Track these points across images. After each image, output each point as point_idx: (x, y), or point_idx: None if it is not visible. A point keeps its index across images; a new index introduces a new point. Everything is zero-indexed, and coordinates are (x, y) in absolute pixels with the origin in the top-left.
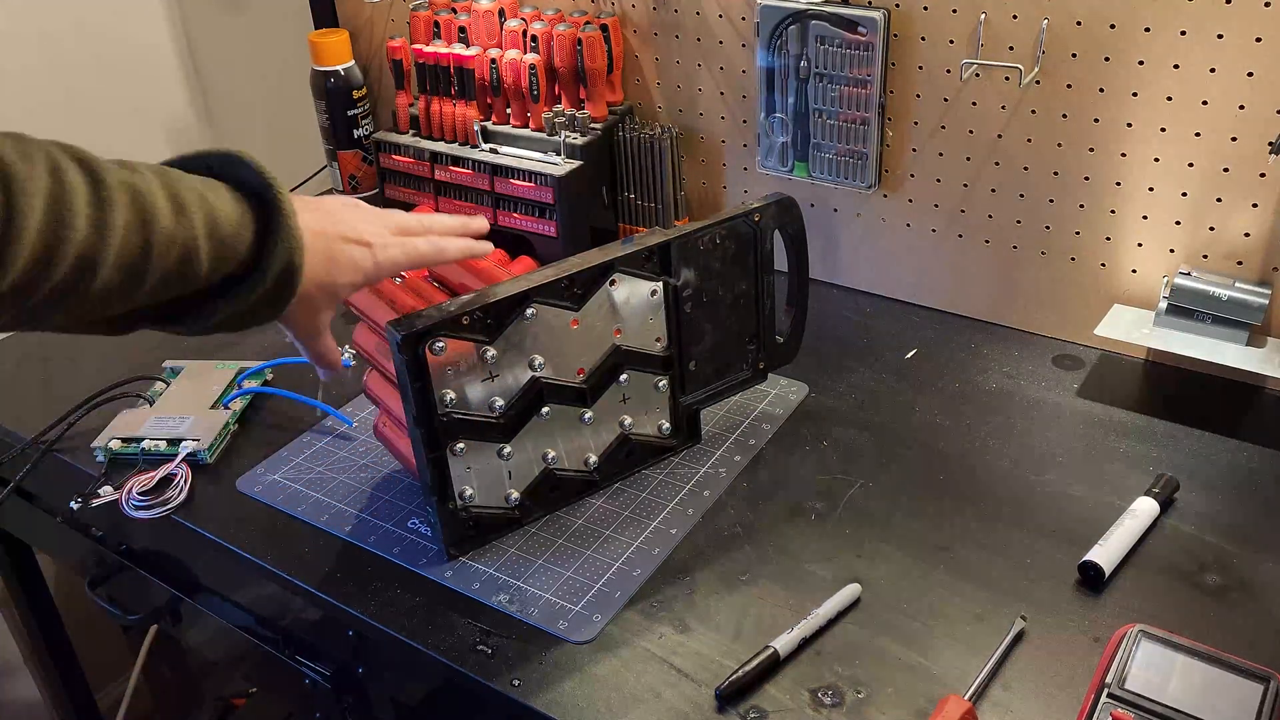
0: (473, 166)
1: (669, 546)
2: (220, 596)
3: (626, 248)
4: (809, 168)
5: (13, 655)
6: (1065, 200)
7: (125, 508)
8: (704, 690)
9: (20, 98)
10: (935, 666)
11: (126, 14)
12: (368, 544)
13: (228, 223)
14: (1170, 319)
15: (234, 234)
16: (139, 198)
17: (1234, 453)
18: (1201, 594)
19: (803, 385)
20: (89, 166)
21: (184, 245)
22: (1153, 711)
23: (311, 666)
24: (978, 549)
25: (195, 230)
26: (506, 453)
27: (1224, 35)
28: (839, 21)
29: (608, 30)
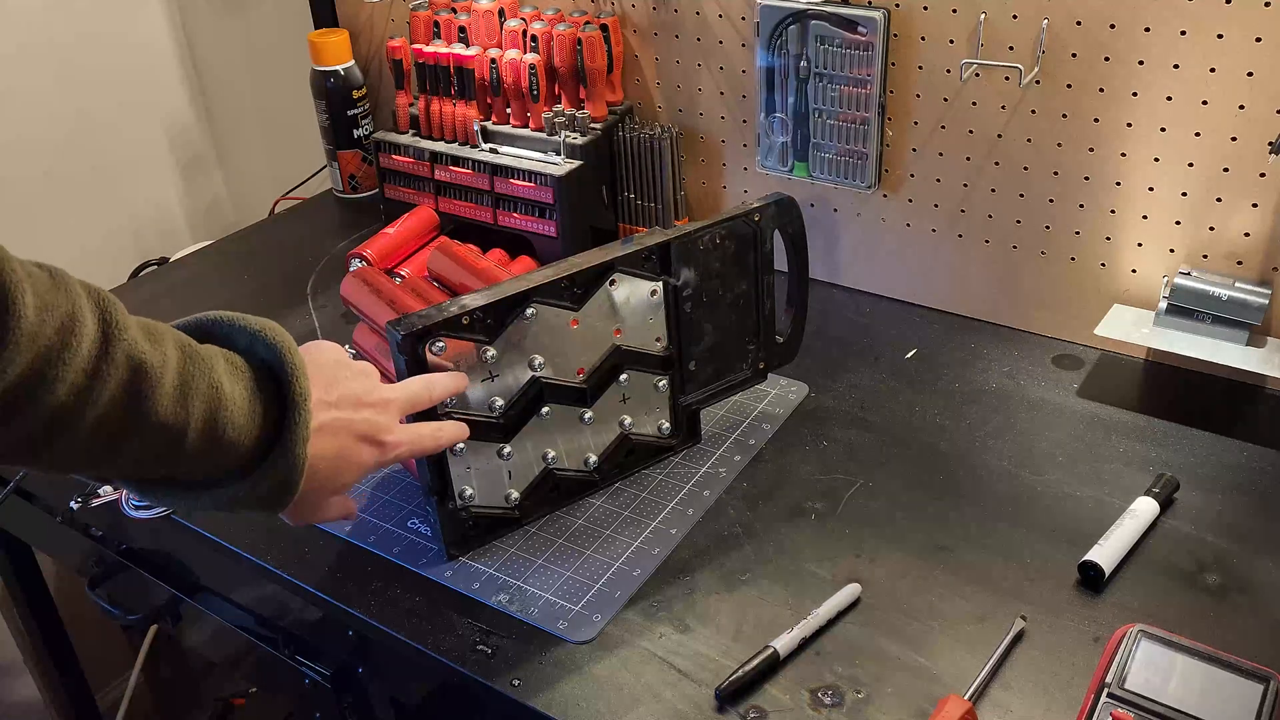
0: (473, 166)
1: (669, 546)
2: (220, 596)
3: (626, 248)
4: (809, 168)
5: (13, 655)
6: (1065, 200)
7: (125, 507)
8: (704, 690)
9: (21, 97)
10: (935, 666)
11: (127, 14)
12: (368, 544)
13: (231, 425)
14: (1170, 319)
15: (234, 440)
16: (140, 376)
17: (1234, 453)
18: (1201, 594)
19: (803, 385)
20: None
21: (172, 435)
22: (1153, 711)
23: (311, 666)
24: (978, 549)
25: (188, 424)
26: (506, 453)
27: (1224, 35)
28: (839, 21)
29: (608, 30)
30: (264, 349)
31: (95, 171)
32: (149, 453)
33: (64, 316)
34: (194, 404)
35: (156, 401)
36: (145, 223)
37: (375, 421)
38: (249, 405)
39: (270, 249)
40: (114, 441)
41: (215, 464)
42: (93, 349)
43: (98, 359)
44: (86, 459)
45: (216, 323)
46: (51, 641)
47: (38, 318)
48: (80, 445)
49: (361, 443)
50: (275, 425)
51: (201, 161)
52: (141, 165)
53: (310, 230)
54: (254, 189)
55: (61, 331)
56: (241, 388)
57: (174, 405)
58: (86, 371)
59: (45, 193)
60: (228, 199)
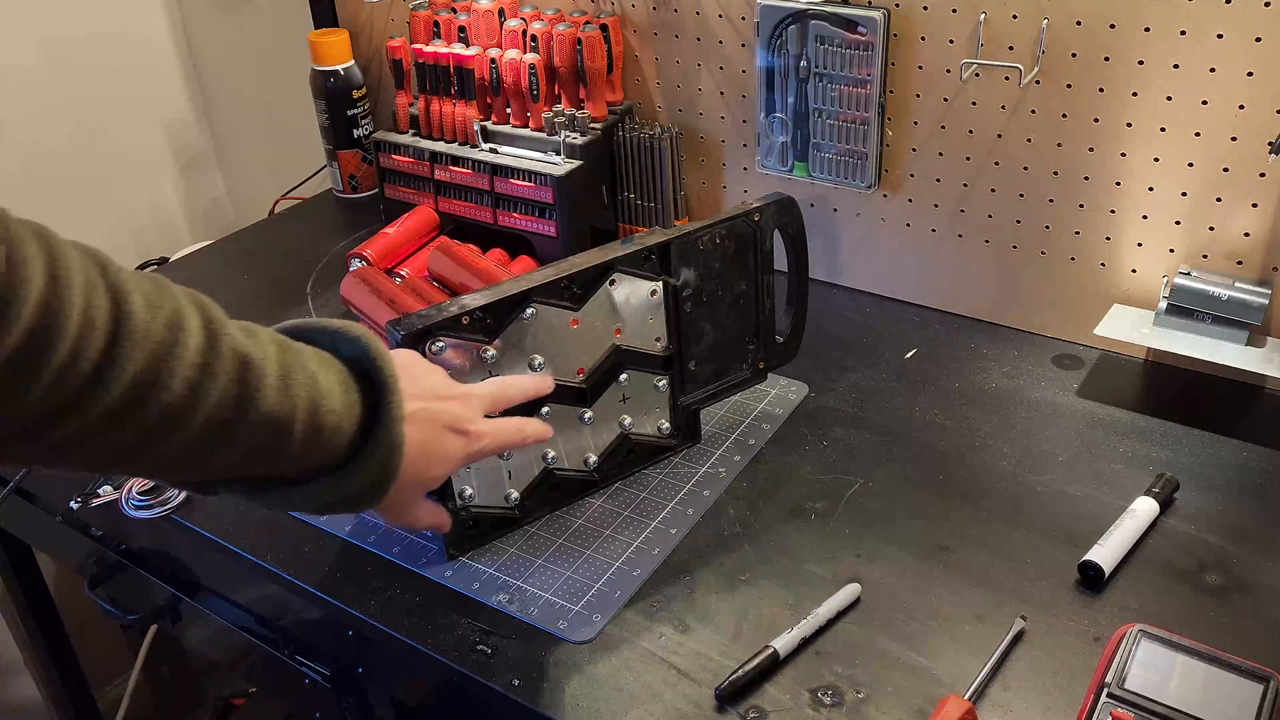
0: (473, 166)
1: (669, 546)
2: (220, 596)
3: (626, 247)
4: (809, 167)
5: (13, 655)
6: (1065, 200)
7: (125, 507)
8: (704, 690)
9: (21, 97)
10: (935, 666)
11: (127, 14)
12: (368, 544)
13: (331, 413)
14: (1170, 319)
15: (335, 425)
16: (247, 368)
17: (1234, 453)
18: (1201, 594)
19: (803, 385)
20: (211, 327)
21: (279, 425)
22: (1153, 711)
23: (311, 666)
24: (978, 549)
25: (295, 414)
26: (506, 452)
27: (1224, 35)
28: (839, 21)
29: (608, 30)
30: (346, 345)
31: (95, 171)
32: (255, 446)
33: (170, 315)
34: (297, 394)
35: (263, 393)
36: (145, 222)
37: (459, 413)
38: (344, 394)
39: (270, 249)
40: (222, 437)
41: (317, 454)
42: (200, 345)
43: (206, 354)
44: (191, 459)
45: (296, 329)
46: (51, 641)
47: (148, 315)
48: (188, 444)
49: (448, 432)
50: (369, 414)
51: (201, 161)
52: (141, 165)
53: (310, 230)
54: (254, 189)
55: (170, 329)
56: (334, 378)
57: (279, 396)
58: (197, 366)
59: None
60: (228, 199)
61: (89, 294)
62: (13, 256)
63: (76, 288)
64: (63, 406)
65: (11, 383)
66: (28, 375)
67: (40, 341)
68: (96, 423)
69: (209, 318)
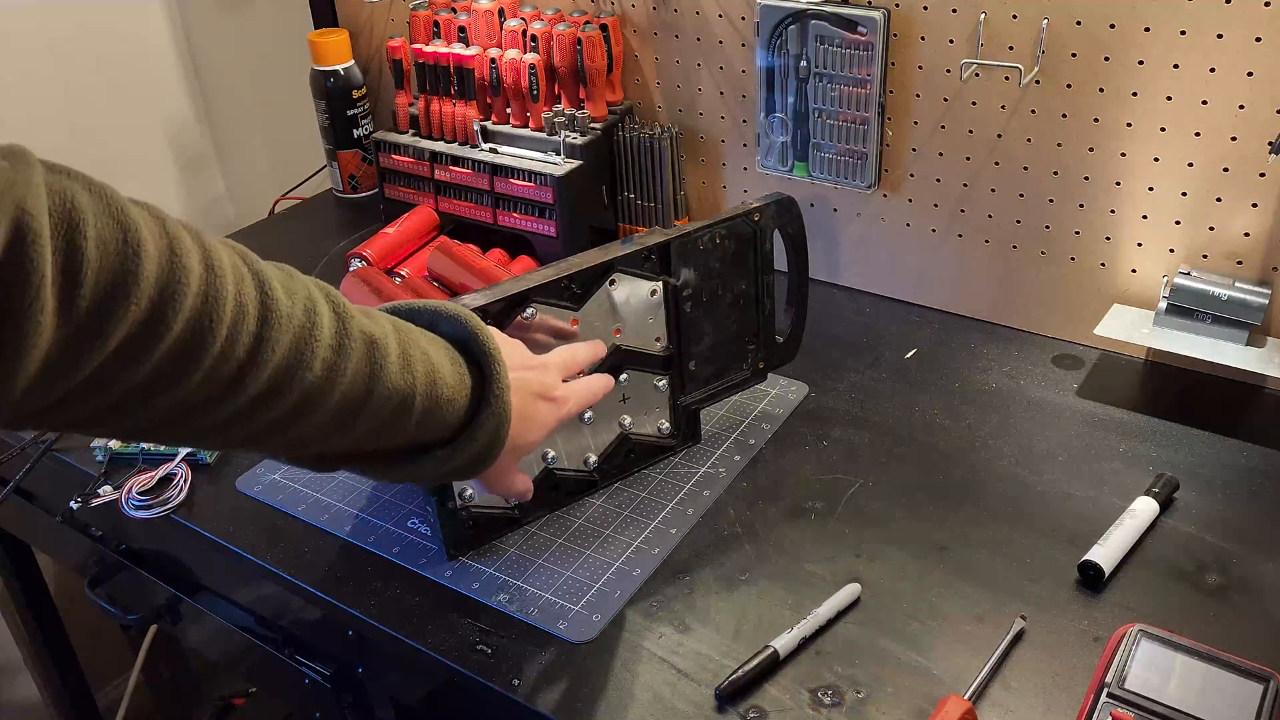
0: (473, 166)
1: (669, 546)
2: (220, 596)
3: (626, 247)
4: (809, 167)
5: (13, 655)
6: (1065, 200)
7: (125, 507)
8: (704, 690)
9: (21, 97)
10: (935, 666)
11: (126, 14)
12: (368, 544)
13: (445, 386)
14: (1170, 319)
15: (449, 398)
16: (373, 347)
17: (1234, 453)
18: (1201, 594)
19: (803, 385)
20: (339, 311)
21: (402, 401)
22: (1153, 711)
23: (311, 666)
24: (978, 549)
25: (415, 389)
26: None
27: (1224, 35)
28: (839, 21)
29: (607, 30)
30: (445, 323)
31: (95, 171)
32: (380, 421)
33: (306, 299)
34: (416, 370)
35: (388, 370)
36: None
37: (545, 381)
38: (454, 368)
39: (270, 249)
40: (352, 414)
41: (433, 426)
42: (333, 327)
43: (339, 335)
44: (322, 436)
45: (395, 309)
46: (51, 641)
47: (289, 301)
48: (323, 421)
49: (539, 400)
50: (477, 385)
51: (201, 161)
52: (141, 165)
53: (310, 230)
54: (254, 189)
55: (308, 313)
56: (443, 354)
57: (401, 373)
58: (333, 347)
59: None
60: (228, 199)
61: (239, 283)
62: (175, 248)
63: (229, 277)
64: (220, 390)
65: (176, 368)
66: (192, 360)
67: (203, 327)
68: (247, 404)
69: (335, 302)
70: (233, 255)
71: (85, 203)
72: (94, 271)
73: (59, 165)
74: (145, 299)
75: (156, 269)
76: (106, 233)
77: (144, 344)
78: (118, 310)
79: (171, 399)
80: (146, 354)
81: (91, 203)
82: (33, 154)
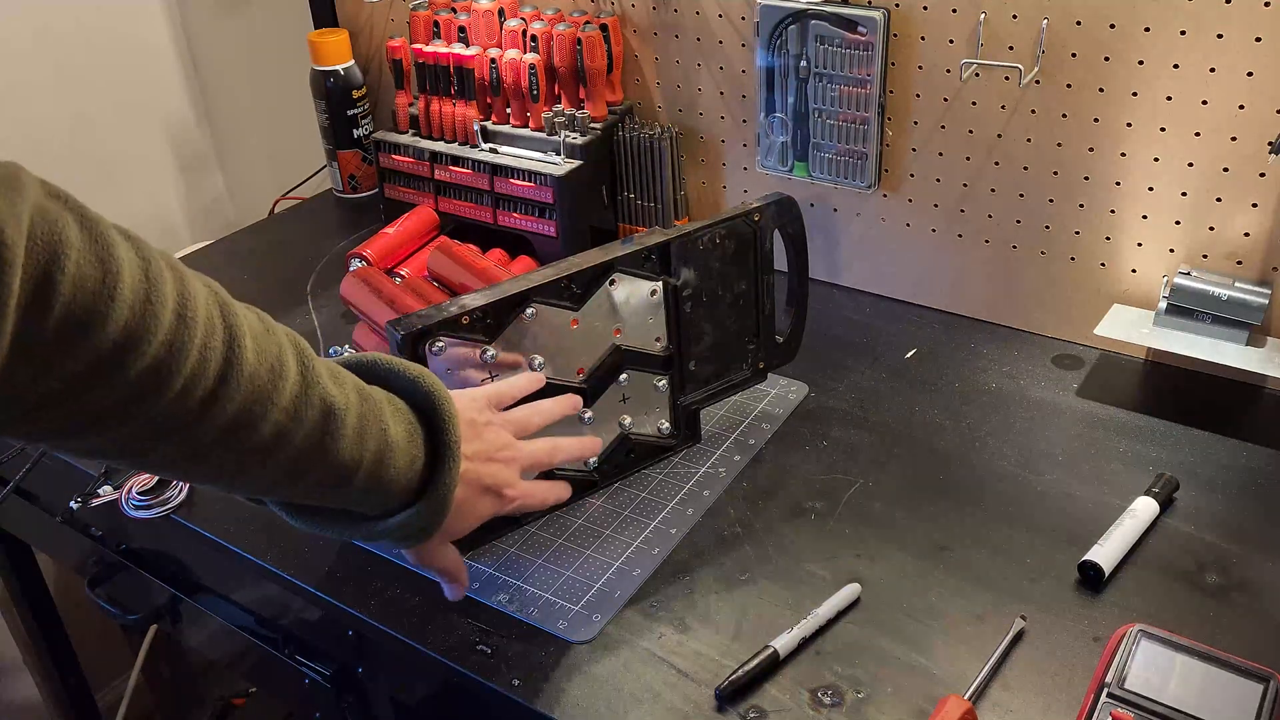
0: (473, 166)
1: (669, 546)
2: (220, 596)
3: (626, 247)
4: (809, 167)
5: (13, 655)
6: (1065, 200)
7: (125, 507)
8: (704, 690)
9: (21, 98)
10: (935, 666)
11: (126, 14)
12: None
13: (394, 466)
14: (1170, 319)
15: (393, 478)
16: (329, 418)
17: (1234, 453)
18: (1201, 594)
19: (803, 385)
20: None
21: (347, 472)
22: (1153, 711)
23: (311, 666)
24: (978, 549)
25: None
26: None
27: (1224, 35)
28: (839, 21)
29: (607, 30)
30: (421, 397)
31: (95, 171)
32: (321, 487)
33: (274, 360)
34: (368, 444)
35: (340, 441)
36: (145, 222)
37: (500, 476)
38: (408, 449)
39: (270, 249)
40: (295, 476)
41: (373, 499)
42: (295, 390)
43: (297, 400)
44: (261, 486)
45: (375, 364)
46: (51, 641)
47: (255, 360)
48: (264, 477)
49: (485, 494)
50: (427, 468)
51: (201, 161)
52: (141, 165)
53: (310, 230)
54: (254, 189)
55: (272, 373)
56: (403, 431)
57: (353, 445)
58: (288, 412)
59: None
60: (228, 199)
61: (209, 336)
62: (151, 296)
63: (199, 329)
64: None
65: (129, 405)
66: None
67: (160, 374)
68: (193, 449)
69: (305, 364)
70: (211, 306)
71: (73, 237)
72: (63, 305)
73: (58, 190)
74: (109, 341)
75: (128, 314)
76: (86, 270)
77: (100, 379)
78: (79, 344)
79: (122, 432)
80: (101, 387)
81: (80, 238)
82: (27, 175)
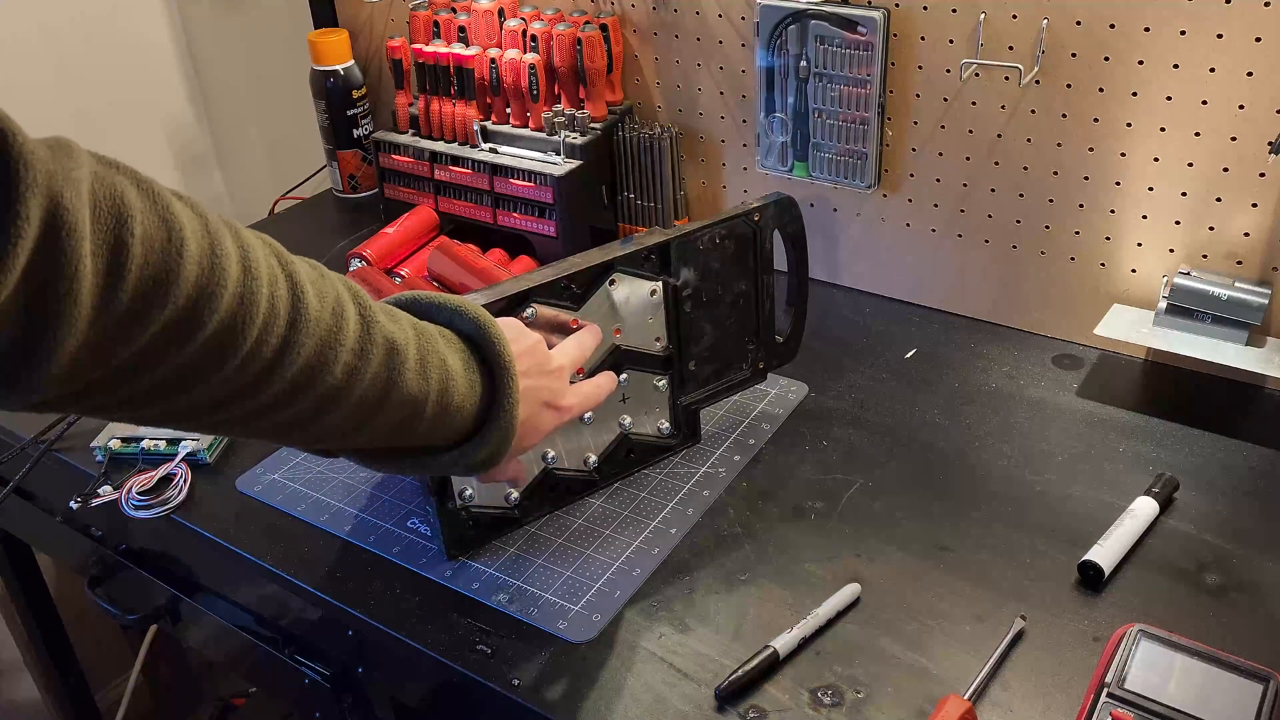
0: (472, 166)
1: (669, 546)
2: (220, 596)
3: (626, 247)
4: (809, 167)
5: (13, 655)
6: (1065, 200)
7: (125, 507)
8: (704, 690)
9: (20, 98)
10: (935, 666)
11: (126, 13)
12: (368, 544)
13: (457, 393)
14: (1170, 319)
15: (459, 405)
16: (393, 353)
17: (1234, 453)
18: (1201, 594)
19: (803, 385)
20: (364, 314)
21: (416, 405)
22: (1152, 711)
23: (311, 666)
24: (978, 549)
25: (429, 395)
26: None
27: (1224, 35)
28: (839, 21)
29: (607, 30)
30: (463, 323)
31: None
32: (392, 425)
33: (335, 303)
34: (431, 376)
35: (405, 376)
36: None
37: (554, 388)
38: (466, 374)
39: None
40: (367, 416)
41: (442, 431)
42: (357, 330)
43: (362, 339)
44: (337, 434)
45: (415, 301)
46: (51, 641)
47: (319, 305)
48: (339, 421)
49: (544, 409)
50: (487, 393)
51: (201, 161)
52: (141, 165)
53: (310, 230)
54: (254, 189)
55: (335, 316)
56: (458, 359)
57: (418, 379)
58: (355, 351)
59: None
60: (228, 199)
61: (273, 285)
62: (216, 250)
63: (264, 280)
64: (244, 388)
65: (206, 365)
66: (222, 359)
67: (235, 328)
68: (270, 401)
69: (361, 304)
70: (269, 256)
71: (133, 199)
72: (138, 268)
73: (108, 159)
74: (184, 298)
75: (197, 269)
76: (152, 230)
77: (176, 342)
78: (155, 308)
79: (198, 394)
80: (177, 351)
81: (139, 199)
82: (79, 146)
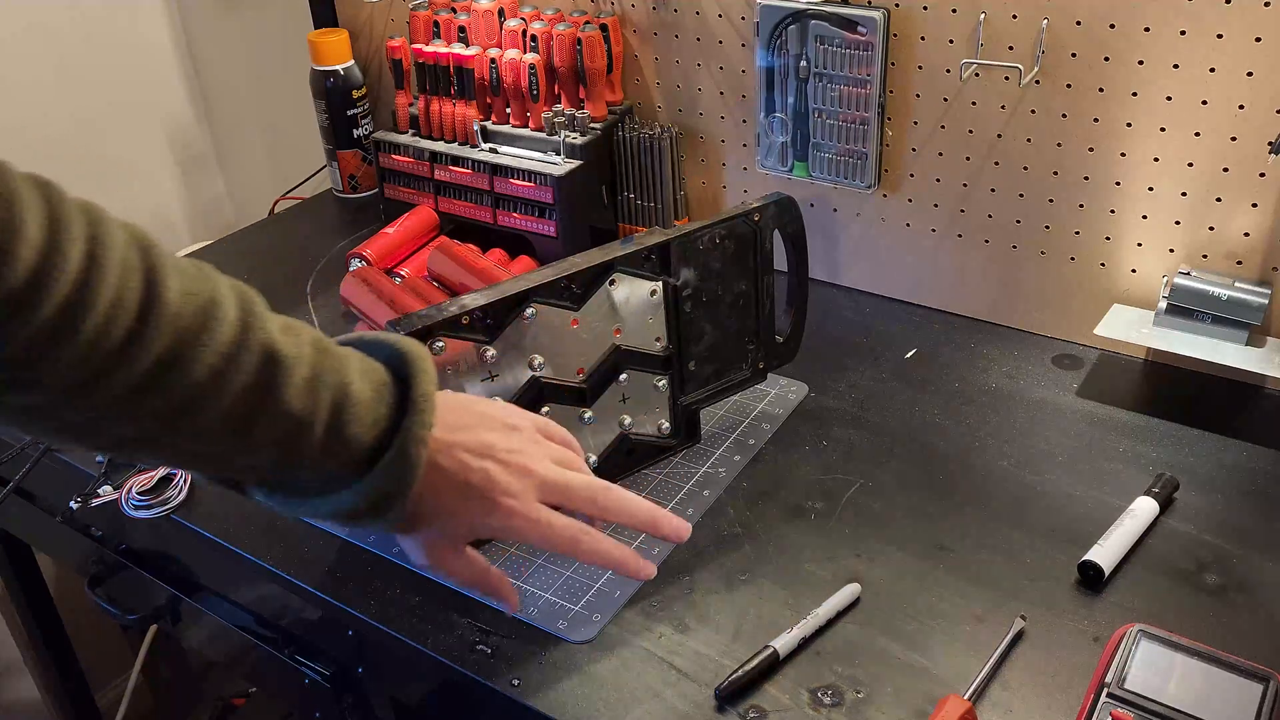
0: (472, 166)
1: (669, 546)
2: (220, 596)
3: (626, 247)
4: (809, 167)
5: (13, 655)
6: (1065, 200)
7: (125, 507)
8: (704, 690)
9: (21, 98)
10: (935, 666)
11: (126, 13)
12: (368, 544)
13: (356, 420)
14: (1170, 319)
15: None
16: (273, 364)
17: (1234, 453)
18: (1201, 594)
19: (803, 385)
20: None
21: (300, 422)
22: (1152, 711)
23: (311, 666)
24: (977, 549)
25: (316, 413)
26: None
27: (1224, 35)
28: (839, 21)
29: (607, 30)
30: (397, 361)
31: (94, 171)
32: (272, 441)
33: (205, 302)
34: (322, 396)
35: (287, 391)
36: (145, 222)
37: (499, 480)
38: (374, 405)
39: (270, 249)
40: (239, 428)
41: (336, 460)
42: (232, 335)
43: (236, 344)
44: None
45: (362, 337)
46: (51, 641)
47: (180, 301)
48: (207, 430)
49: (471, 493)
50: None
51: (201, 161)
52: (141, 165)
53: (310, 230)
54: (254, 189)
55: (201, 315)
56: (369, 389)
57: (302, 396)
58: (224, 355)
59: None
60: (227, 199)
61: (124, 276)
62: (56, 238)
63: (112, 269)
64: (92, 374)
65: (46, 345)
66: (61, 340)
67: (72, 313)
68: (122, 394)
69: (247, 310)
70: (130, 249)
71: None
72: None
73: None
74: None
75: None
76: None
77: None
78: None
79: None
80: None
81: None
82: None
